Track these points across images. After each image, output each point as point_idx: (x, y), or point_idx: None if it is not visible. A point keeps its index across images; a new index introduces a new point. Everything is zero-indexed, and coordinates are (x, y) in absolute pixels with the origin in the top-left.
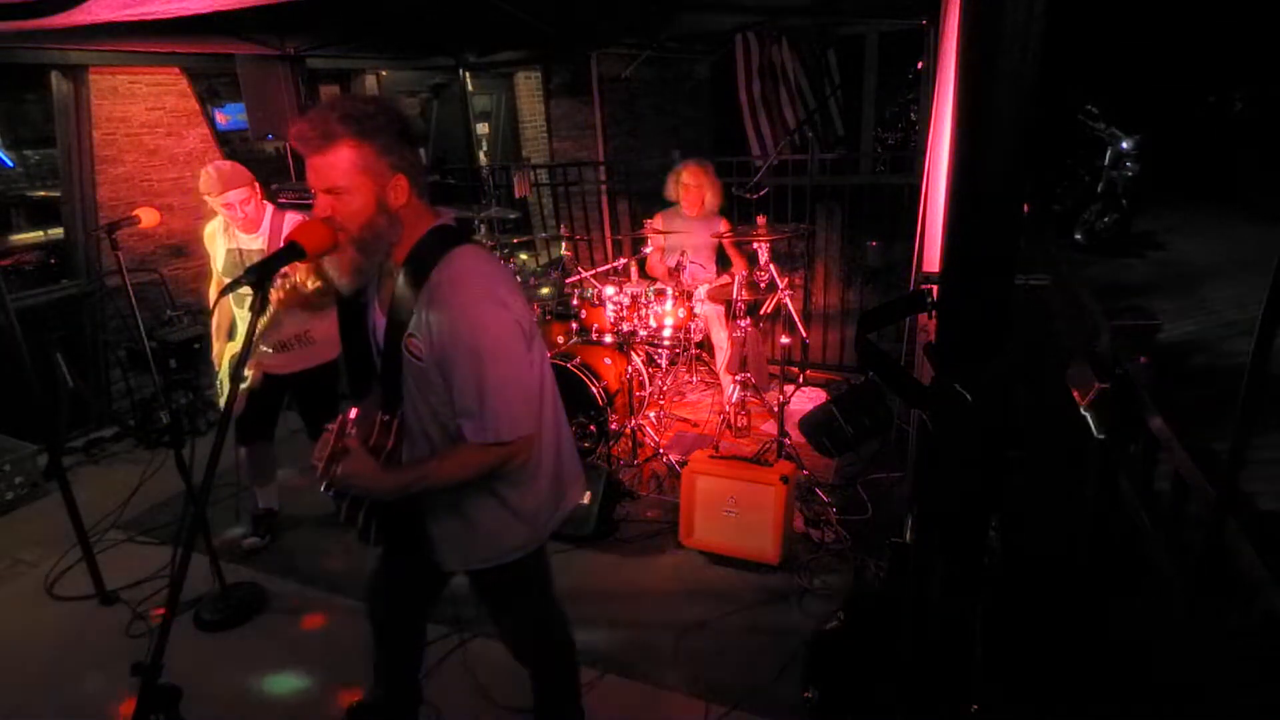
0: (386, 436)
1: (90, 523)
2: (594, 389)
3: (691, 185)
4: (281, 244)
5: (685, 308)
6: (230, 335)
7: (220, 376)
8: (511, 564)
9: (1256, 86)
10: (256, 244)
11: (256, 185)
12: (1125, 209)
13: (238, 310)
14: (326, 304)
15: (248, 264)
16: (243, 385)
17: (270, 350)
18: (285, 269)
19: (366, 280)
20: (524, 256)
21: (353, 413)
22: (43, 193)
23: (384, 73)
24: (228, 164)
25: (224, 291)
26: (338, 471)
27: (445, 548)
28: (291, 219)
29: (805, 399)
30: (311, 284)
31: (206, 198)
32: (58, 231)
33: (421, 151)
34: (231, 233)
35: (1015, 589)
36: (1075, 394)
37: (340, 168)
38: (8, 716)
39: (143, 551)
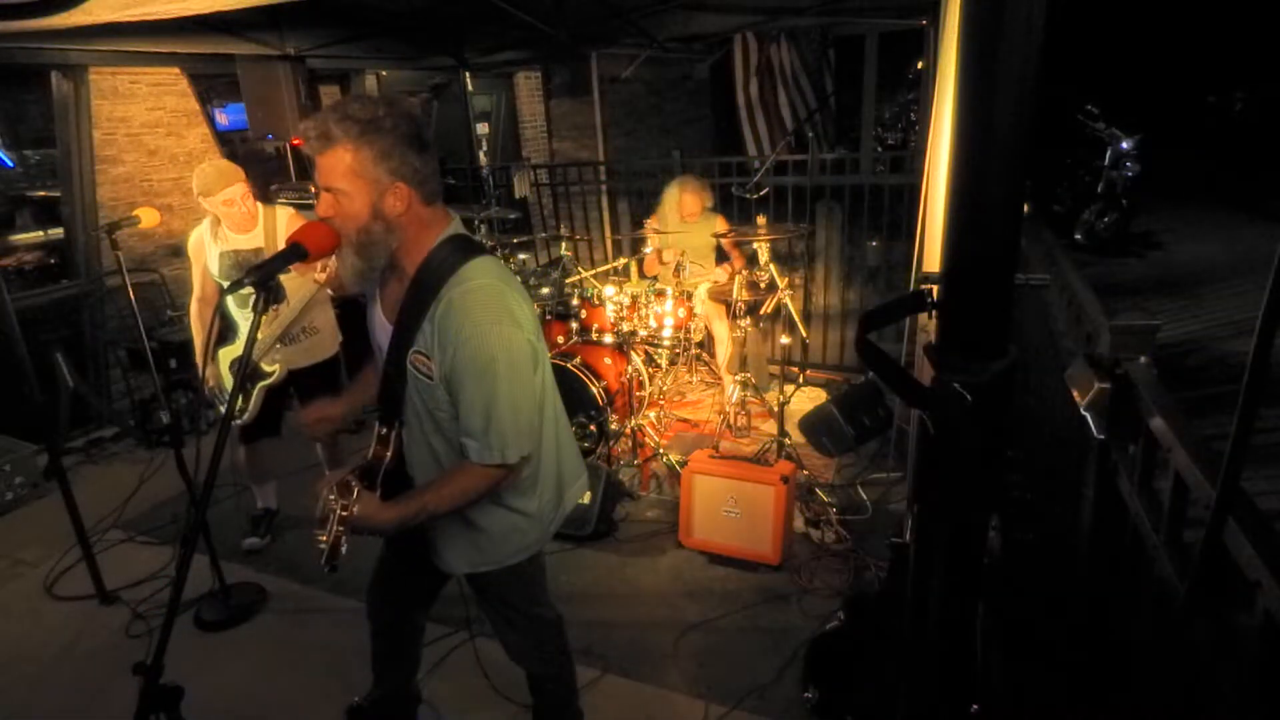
0: (385, 449)
1: (90, 523)
2: (594, 389)
3: (686, 198)
4: (283, 244)
5: (685, 308)
6: (225, 340)
7: (224, 384)
8: (514, 565)
9: (1256, 86)
10: (253, 243)
11: (248, 182)
12: (1125, 209)
13: (240, 310)
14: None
15: (244, 264)
16: (265, 382)
17: (278, 346)
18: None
19: (369, 284)
20: (524, 256)
21: (348, 481)
22: (43, 193)
23: (384, 73)
24: (221, 161)
25: (225, 292)
26: (348, 522)
27: (451, 553)
28: (284, 212)
29: (805, 399)
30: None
31: (202, 199)
32: (58, 231)
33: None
34: (223, 235)
35: (1015, 589)
36: (1075, 394)
37: (338, 169)
38: (8, 716)
39: (143, 551)
